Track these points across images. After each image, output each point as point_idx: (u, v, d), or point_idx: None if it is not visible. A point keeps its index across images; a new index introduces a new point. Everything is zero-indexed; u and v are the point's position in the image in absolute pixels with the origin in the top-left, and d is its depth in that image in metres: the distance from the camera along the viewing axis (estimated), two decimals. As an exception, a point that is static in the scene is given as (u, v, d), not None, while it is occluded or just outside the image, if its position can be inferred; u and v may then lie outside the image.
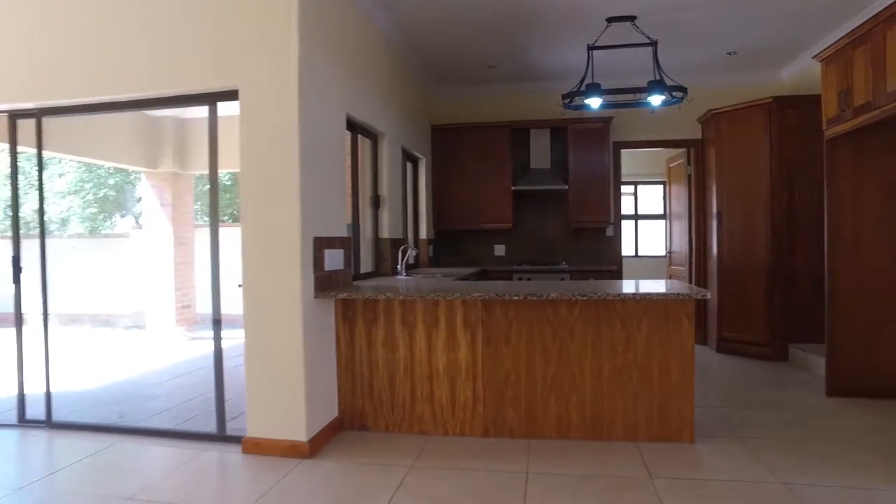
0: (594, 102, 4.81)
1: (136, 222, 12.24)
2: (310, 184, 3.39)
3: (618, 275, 6.60)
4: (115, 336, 8.56)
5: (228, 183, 11.04)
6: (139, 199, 10.51)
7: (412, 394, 3.71)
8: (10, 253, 4.02)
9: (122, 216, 12.06)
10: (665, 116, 6.02)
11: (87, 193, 10.15)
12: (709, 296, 3.37)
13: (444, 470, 3.15)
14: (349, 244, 4.01)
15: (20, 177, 10.46)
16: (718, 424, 3.78)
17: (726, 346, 5.99)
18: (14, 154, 3.98)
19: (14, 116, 3.92)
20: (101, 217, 10.38)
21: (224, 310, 3.69)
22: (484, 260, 6.97)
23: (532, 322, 3.58)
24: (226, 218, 12.17)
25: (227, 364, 6.06)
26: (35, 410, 4.00)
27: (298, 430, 3.32)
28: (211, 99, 3.54)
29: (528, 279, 6.29)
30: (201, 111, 7.26)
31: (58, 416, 3.97)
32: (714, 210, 6.07)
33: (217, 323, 3.61)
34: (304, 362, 3.32)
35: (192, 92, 3.54)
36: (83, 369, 5.92)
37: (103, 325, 10.57)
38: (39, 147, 3.90)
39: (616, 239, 6.85)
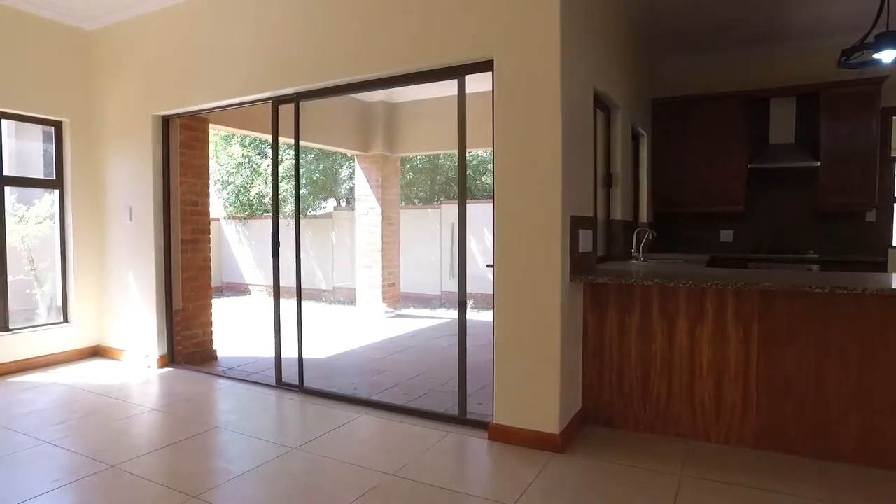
0: (888, 56, 3.94)
1: (339, 203, 13.22)
2: (569, 159, 3.14)
3: (883, 268, 5.51)
4: (322, 310, 9.25)
5: (423, 165, 11.39)
6: (346, 181, 11.30)
7: (668, 391, 3.33)
8: (269, 230, 4.38)
9: (326, 199, 13.08)
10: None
11: (302, 177, 11.10)
12: None
13: (722, 485, 2.74)
14: (595, 225, 3.72)
15: (249, 165, 11.53)
16: None
17: None
18: (275, 136, 4.27)
19: (276, 102, 4.20)
20: (311, 198, 11.31)
21: (422, 289, 3.61)
22: (706, 246, 6.27)
23: (826, 320, 2.99)
24: (417, 201, 12.62)
25: (433, 344, 6.22)
26: (285, 373, 4.33)
27: (550, 422, 3.13)
28: (460, 72, 3.43)
29: (768, 269, 5.49)
30: (410, 94, 7.48)
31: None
32: None
33: (462, 305, 3.53)
34: (560, 349, 3.10)
35: (441, 66, 3.45)
36: (309, 339, 6.40)
37: (309, 299, 11.59)
38: (297, 129, 4.13)
39: (881, 225, 5.72)
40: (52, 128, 5.18)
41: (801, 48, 5.67)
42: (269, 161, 12.75)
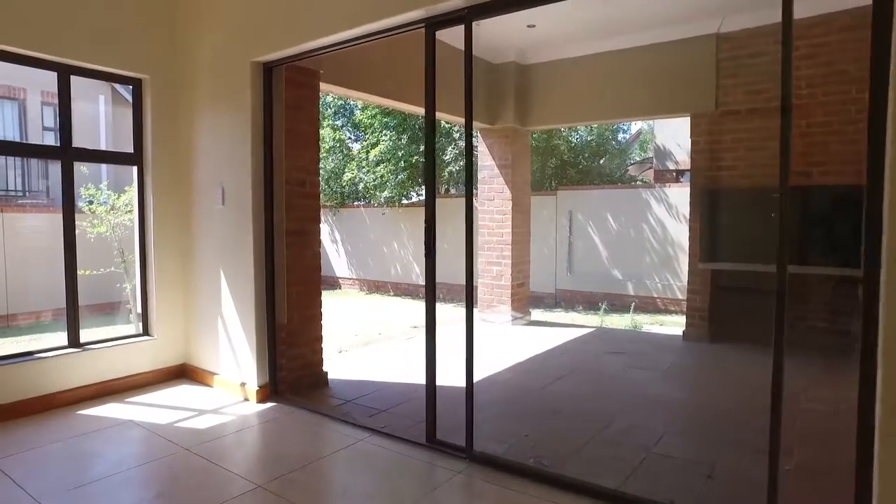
0: None
1: (439, 189, 11.92)
2: None
3: None
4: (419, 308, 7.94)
5: (537, 145, 9.82)
6: (451, 162, 9.98)
7: None
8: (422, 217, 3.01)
9: (422, 185, 11.81)
10: None
11: (400, 161, 9.85)
12: None
13: None
14: None
15: (340, 150, 10.28)
16: None
17: None
18: (431, 72, 2.87)
19: (433, 24, 2.81)
20: (409, 184, 10.07)
21: (535, 286, 2.13)
22: None
23: None
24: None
25: (599, 365, 4.45)
26: (442, 424, 2.99)
27: None
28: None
29: None
30: (546, 53, 5.96)
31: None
32: None
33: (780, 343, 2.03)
34: None
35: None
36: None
37: (404, 294, 10.38)
38: (469, 59, 2.73)
39: None
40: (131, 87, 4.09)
41: None
42: (360, 145, 11.59)
